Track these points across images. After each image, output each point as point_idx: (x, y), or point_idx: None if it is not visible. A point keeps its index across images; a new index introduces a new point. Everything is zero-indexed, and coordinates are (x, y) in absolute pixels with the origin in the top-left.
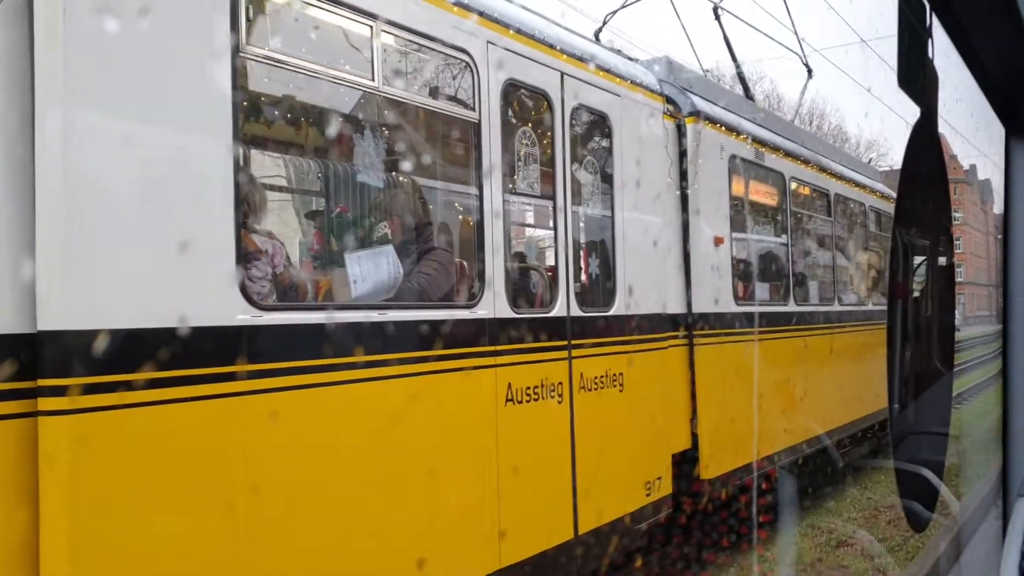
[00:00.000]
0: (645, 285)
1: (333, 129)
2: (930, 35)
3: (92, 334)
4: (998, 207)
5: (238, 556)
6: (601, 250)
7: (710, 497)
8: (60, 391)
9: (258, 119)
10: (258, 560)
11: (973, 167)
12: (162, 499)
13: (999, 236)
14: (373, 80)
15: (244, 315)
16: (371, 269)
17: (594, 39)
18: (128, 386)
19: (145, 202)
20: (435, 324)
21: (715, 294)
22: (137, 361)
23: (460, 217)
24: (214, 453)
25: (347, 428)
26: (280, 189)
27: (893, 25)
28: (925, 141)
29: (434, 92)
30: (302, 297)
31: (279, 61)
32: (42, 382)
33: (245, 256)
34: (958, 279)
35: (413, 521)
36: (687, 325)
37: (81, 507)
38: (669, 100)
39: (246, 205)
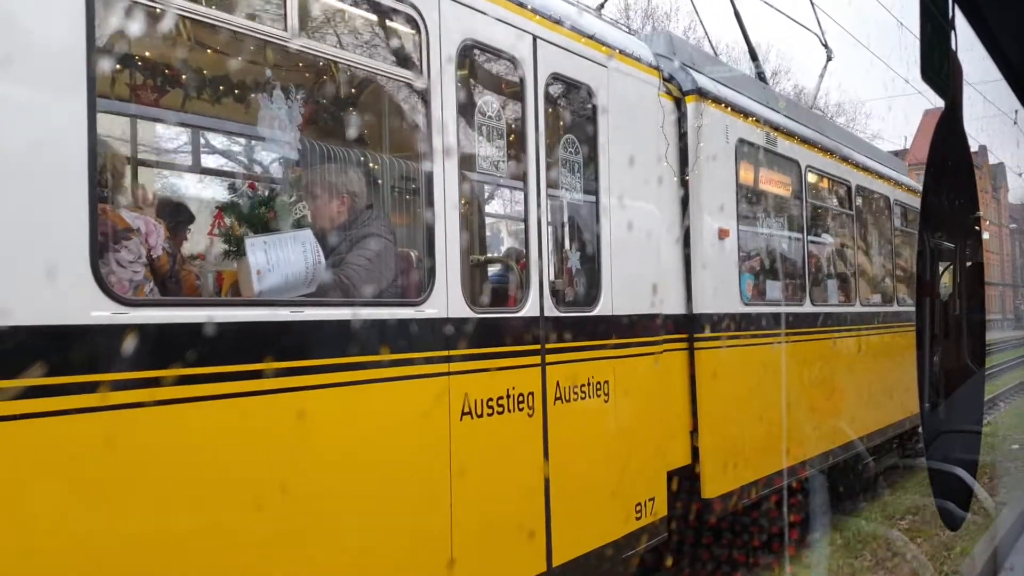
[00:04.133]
0: (637, 281)
1: (231, 88)
2: (953, 27)
3: None
4: (1014, 196)
5: None
6: (584, 242)
7: (713, 518)
8: None
9: (130, 71)
10: None
11: (983, 148)
12: None
13: (1012, 226)
14: (285, 30)
15: (101, 311)
16: (281, 258)
17: (596, 14)
18: None
19: None
20: (369, 325)
21: (719, 293)
22: None
23: (405, 199)
24: (72, 475)
25: (245, 454)
26: (168, 165)
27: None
28: (950, 136)
29: (367, 49)
30: (190, 290)
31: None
32: None
33: (107, 236)
34: None
35: (337, 568)
36: (687, 327)
37: None
38: (668, 77)
39: (115, 176)
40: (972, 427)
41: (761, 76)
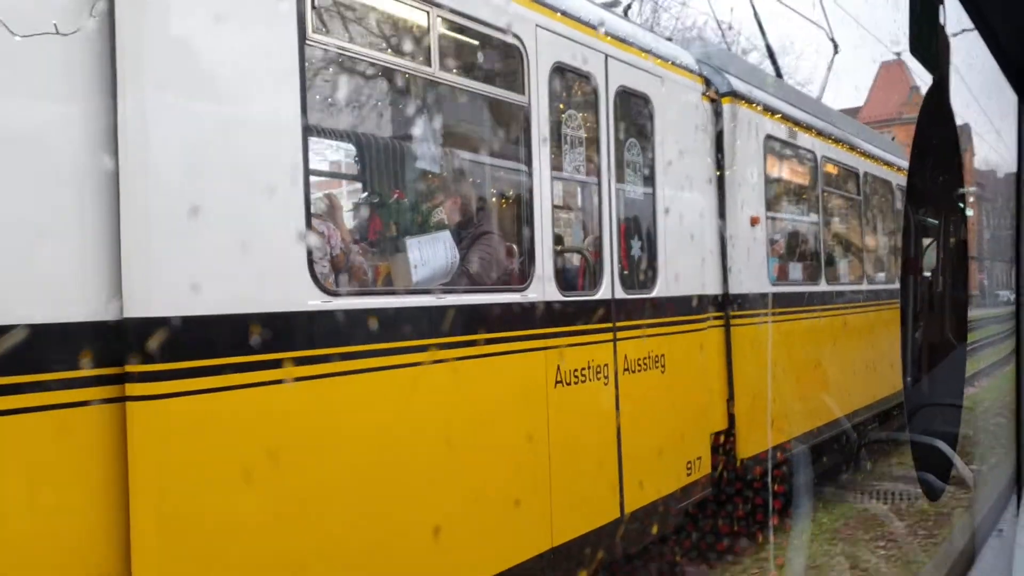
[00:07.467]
0: (685, 266)
1: (392, 116)
2: (941, 2)
3: (181, 320)
4: (979, 159)
5: (314, 535)
6: (643, 232)
7: (746, 476)
8: (147, 377)
9: (323, 104)
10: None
11: None
12: (243, 479)
13: (972, 189)
14: (430, 66)
15: (314, 300)
16: (430, 254)
17: (623, 15)
18: (216, 371)
19: (230, 186)
20: (490, 308)
21: (751, 274)
22: (220, 347)
23: (510, 201)
24: (301, 435)
25: (415, 409)
26: (341, 175)
27: None
28: (937, 110)
29: (486, 77)
30: (358, 281)
31: (347, 49)
32: (129, 368)
33: (309, 239)
34: None
35: (473, 498)
36: (724, 306)
37: (168, 489)
38: (706, 81)
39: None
40: (953, 401)
41: (778, 71)
